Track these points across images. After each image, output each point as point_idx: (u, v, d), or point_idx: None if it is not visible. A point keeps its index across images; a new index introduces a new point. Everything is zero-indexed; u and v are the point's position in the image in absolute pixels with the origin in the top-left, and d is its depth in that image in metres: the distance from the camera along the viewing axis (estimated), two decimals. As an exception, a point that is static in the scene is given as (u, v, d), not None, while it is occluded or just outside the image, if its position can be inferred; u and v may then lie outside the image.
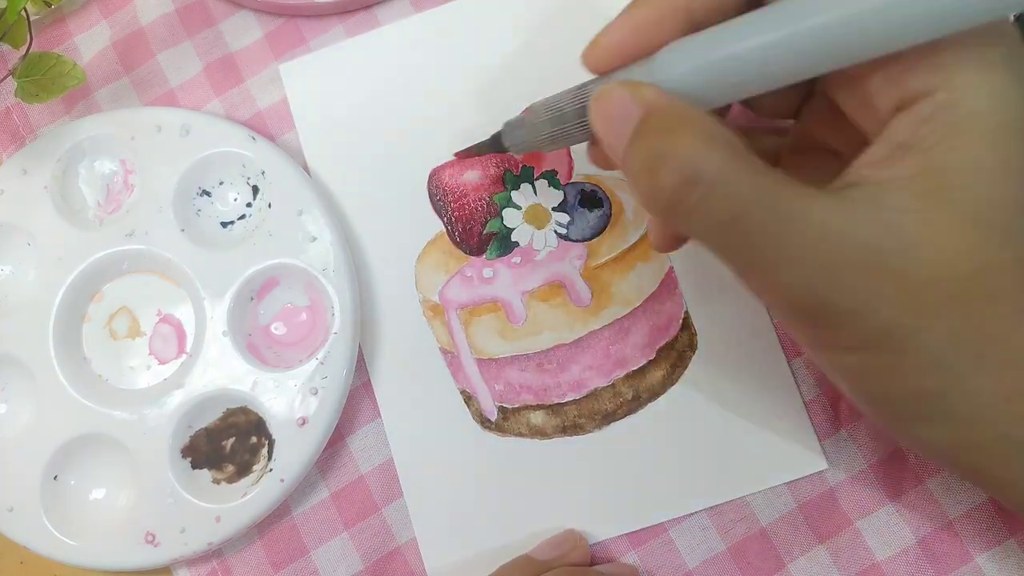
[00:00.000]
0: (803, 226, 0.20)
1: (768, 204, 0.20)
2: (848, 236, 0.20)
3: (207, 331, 0.33)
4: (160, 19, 0.37)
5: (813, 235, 0.20)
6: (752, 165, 0.21)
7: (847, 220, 0.20)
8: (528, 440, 0.33)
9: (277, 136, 0.36)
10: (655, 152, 0.21)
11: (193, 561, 0.33)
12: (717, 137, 0.21)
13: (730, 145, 0.21)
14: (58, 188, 0.35)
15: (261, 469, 0.33)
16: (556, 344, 0.33)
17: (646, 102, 0.22)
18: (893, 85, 0.21)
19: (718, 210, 0.21)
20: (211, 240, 0.34)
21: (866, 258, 0.20)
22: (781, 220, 0.20)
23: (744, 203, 0.21)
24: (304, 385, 0.32)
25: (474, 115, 0.35)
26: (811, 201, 0.21)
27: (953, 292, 0.20)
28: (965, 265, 0.20)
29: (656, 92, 0.22)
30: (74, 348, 0.34)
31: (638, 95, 0.22)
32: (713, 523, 0.32)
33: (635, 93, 0.22)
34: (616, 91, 0.23)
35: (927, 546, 0.31)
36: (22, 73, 0.32)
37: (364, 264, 0.34)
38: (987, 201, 0.20)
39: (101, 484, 0.33)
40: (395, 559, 0.33)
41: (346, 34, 0.36)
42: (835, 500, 0.31)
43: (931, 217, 0.20)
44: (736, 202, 0.21)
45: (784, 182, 0.21)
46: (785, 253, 0.21)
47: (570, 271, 0.33)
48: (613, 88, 0.23)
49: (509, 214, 0.34)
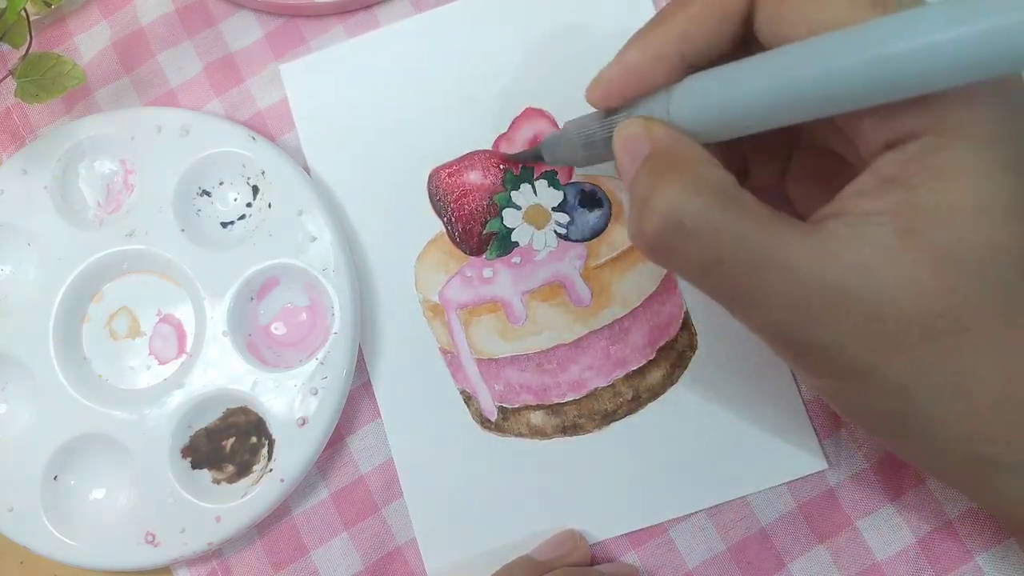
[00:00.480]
0: (777, 269, 0.22)
1: (745, 249, 0.22)
2: (819, 277, 0.21)
3: (207, 331, 0.33)
4: (160, 19, 0.37)
5: (787, 278, 0.21)
6: (736, 207, 0.22)
7: (820, 261, 0.21)
8: (528, 440, 0.33)
9: (277, 136, 0.36)
10: (643, 194, 0.23)
11: (193, 561, 0.33)
12: (704, 180, 0.22)
13: (716, 188, 0.22)
14: (58, 188, 0.35)
15: (261, 469, 0.33)
16: (556, 344, 0.33)
17: (654, 139, 0.24)
18: (884, 125, 0.21)
19: (696, 255, 0.22)
20: (211, 240, 0.34)
21: (837, 299, 0.21)
22: (757, 264, 0.22)
23: (721, 248, 0.22)
24: (304, 385, 0.32)
25: (474, 115, 0.35)
26: (787, 242, 0.22)
27: (922, 329, 0.21)
28: (936, 305, 0.21)
29: (664, 130, 0.24)
30: (74, 348, 0.34)
31: (649, 131, 0.24)
32: (713, 523, 0.32)
33: (647, 129, 0.24)
34: (632, 126, 0.24)
35: (927, 546, 0.31)
36: (22, 73, 0.32)
37: (364, 264, 0.34)
38: (962, 243, 0.21)
39: (101, 484, 0.33)
40: (395, 559, 0.33)
41: (346, 34, 0.36)
42: (835, 500, 0.31)
43: (907, 257, 0.21)
44: (714, 247, 0.22)
45: (765, 223, 0.22)
46: (760, 295, 0.22)
47: (570, 271, 0.33)
48: (631, 123, 0.24)
49: (509, 214, 0.34)
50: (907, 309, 0.21)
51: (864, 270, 0.21)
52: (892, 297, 0.21)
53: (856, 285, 0.21)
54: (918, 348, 0.21)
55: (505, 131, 0.35)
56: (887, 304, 0.21)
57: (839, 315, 0.21)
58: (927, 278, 0.21)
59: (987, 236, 0.21)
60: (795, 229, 0.22)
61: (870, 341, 0.21)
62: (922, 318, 0.21)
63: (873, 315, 0.21)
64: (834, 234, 0.21)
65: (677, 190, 0.22)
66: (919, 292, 0.21)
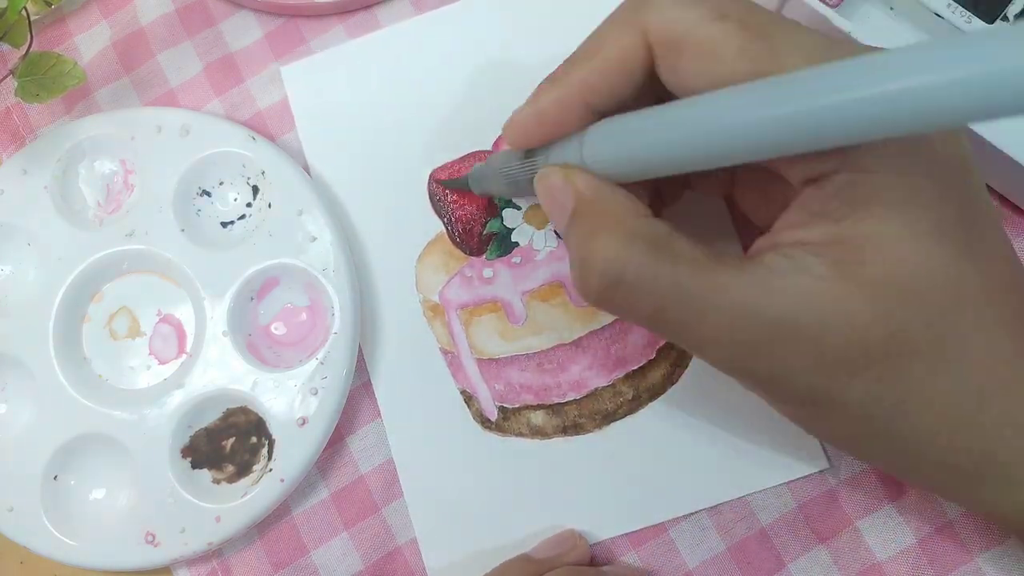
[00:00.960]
0: (718, 310, 0.22)
1: (685, 295, 0.22)
2: (760, 313, 0.22)
3: (207, 331, 0.33)
4: (160, 19, 0.37)
5: (730, 317, 0.22)
6: (669, 257, 0.23)
7: (759, 297, 0.22)
8: (528, 440, 0.33)
9: (277, 136, 0.36)
10: (580, 255, 0.24)
11: (193, 561, 0.33)
12: (635, 235, 0.23)
13: (648, 240, 0.23)
14: (58, 188, 0.35)
15: (261, 469, 0.33)
16: (556, 344, 0.33)
17: (576, 192, 0.24)
18: (798, 165, 0.22)
19: (640, 306, 0.23)
20: (211, 240, 0.34)
21: (780, 333, 0.22)
22: (698, 308, 0.22)
23: (663, 298, 0.23)
24: (304, 385, 0.32)
25: (474, 116, 0.35)
26: (725, 282, 0.22)
27: (869, 355, 0.21)
28: (878, 331, 0.21)
29: (585, 180, 0.24)
30: (74, 348, 0.34)
31: (570, 182, 0.25)
32: (713, 523, 0.32)
33: (568, 180, 0.25)
34: (553, 175, 0.25)
35: (927, 546, 0.31)
36: (22, 73, 0.32)
37: (364, 264, 0.34)
38: (895, 269, 0.21)
39: (101, 484, 0.33)
40: (395, 559, 0.33)
41: (346, 34, 0.36)
42: (835, 500, 0.31)
43: (843, 287, 0.21)
44: (656, 298, 0.23)
45: (701, 267, 0.22)
46: (707, 335, 0.23)
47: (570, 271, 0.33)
48: (551, 172, 0.25)
49: (509, 214, 0.34)
50: (846, 337, 0.21)
51: (803, 301, 0.21)
52: (833, 326, 0.21)
53: (796, 317, 0.21)
54: (867, 373, 0.21)
55: (505, 131, 0.35)
56: (829, 333, 0.21)
57: (786, 347, 0.22)
58: (863, 308, 0.21)
59: (915, 262, 0.21)
60: (731, 268, 0.22)
61: (820, 369, 0.22)
62: (865, 345, 0.21)
63: (818, 344, 0.21)
64: (771, 267, 0.22)
65: (611, 249, 0.23)
66: (857, 321, 0.21)
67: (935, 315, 0.21)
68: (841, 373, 0.22)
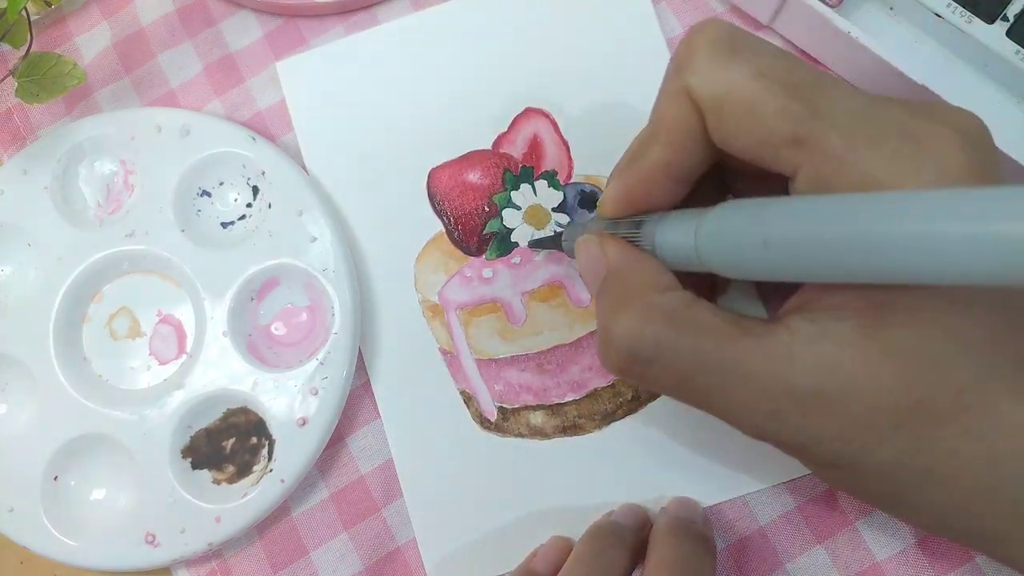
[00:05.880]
0: (741, 379, 0.22)
1: (706, 365, 0.22)
2: (783, 381, 0.21)
3: (207, 331, 0.33)
4: (160, 19, 0.37)
5: (753, 388, 0.22)
6: (689, 328, 0.22)
7: (782, 365, 0.21)
8: (528, 440, 0.33)
9: (277, 136, 0.36)
10: (603, 324, 0.24)
11: (193, 561, 0.33)
12: (654, 307, 0.23)
13: (666, 313, 0.23)
14: (58, 188, 0.35)
15: (261, 469, 0.33)
16: (556, 344, 0.33)
17: (608, 259, 0.25)
18: None
19: (661, 378, 0.23)
20: (211, 240, 0.34)
21: (805, 402, 0.21)
22: (723, 379, 0.22)
23: (683, 369, 0.23)
24: (304, 385, 0.32)
25: (473, 115, 0.35)
26: (747, 351, 0.22)
27: (897, 421, 0.21)
28: (904, 399, 0.21)
29: (616, 249, 0.25)
30: (74, 348, 0.34)
31: (604, 250, 0.25)
32: (713, 522, 0.32)
33: (602, 248, 0.25)
34: (591, 242, 0.26)
35: (927, 546, 0.31)
36: (22, 73, 0.32)
37: (364, 264, 0.34)
38: (925, 333, 0.21)
39: (101, 484, 0.33)
40: (395, 559, 0.33)
41: (346, 34, 0.36)
42: (835, 500, 0.31)
43: (869, 353, 0.21)
44: (676, 369, 0.23)
45: (722, 336, 0.22)
46: (731, 405, 0.23)
47: (570, 272, 0.33)
48: (588, 240, 0.26)
49: (509, 214, 0.34)
50: (872, 404, 0.21)
51: (827, 370, 0.21)
52: (858, 393, 0.21)
53: (820, 385, 0.21)
54: (894, 439, 0.21)
55: (505, 131, 0.35)
56: (854, 400, 0.21)
57: (810, 414, 0.21)
58: (888, 374, 0.21)
59: (945, 325, 0.21)
60: (754, 335, 0.22)
61: (845, 435, 0.21)
62: (892, 412, 0.21)
63: (842, 411, 0.21)
64: (795, 330, 0.22)
65: (631, 321, 0.23)
66: (884, 387, 0.21)
67: (965, 383, 0.21)
68: (868, 440, 0.21)
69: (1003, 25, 0.30)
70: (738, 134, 0.22)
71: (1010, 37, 0.30)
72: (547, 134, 0.34)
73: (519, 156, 0.34)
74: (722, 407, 0.23)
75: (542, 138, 0.34)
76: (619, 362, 0.24)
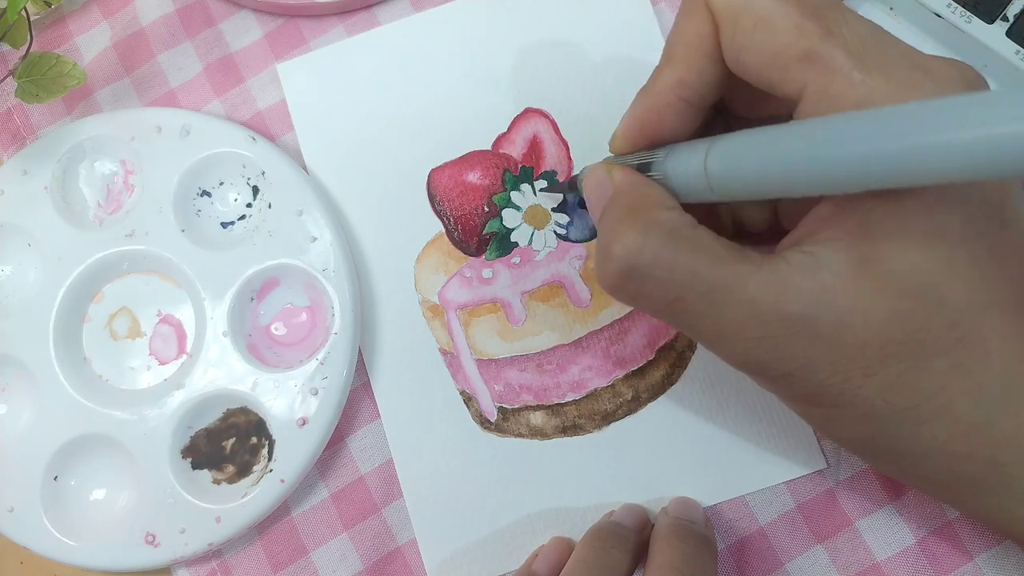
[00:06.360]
0: (736, 303, 0.22)
1: (701, 286, 0.22)
2: (778, 308, 0.21)
3: (207, 331, 0.33)
4: (160, 19, 0.37)
5: (746, 310, 0.22)
6: (689, 246, 0.22)
7: (778, 292, 0.21)
8: (528, 441, 0.33)
9: (277, 136, 0.36)
10: (603, 241, 0.24)
11: (193, 561, 0.33)
12: (657, 223, 0.23)
13: (669, 229, 0.23)
14: (58, 188, 0.35)
15: (261, 470, 0.33)
16: (556, 344, 0.33)
17: (615, 183, 0.25)
18: None
19: (656, 295, 0.23)
20: (211, 240, 0.34)
21: (796, 330, 0.21)
22: (716, 300, 0.22)
23: (679, 287, 0.22)
24: (304, 385, 0.32)
25: (473, 115, 0.35)
26: (744, 276, 0.22)
27: (885, 354, 0.21)
28: (896, 331, 0.21)
29: (623, 174, 0.25)
30: (74, 348, 0.34)
31: (610, 175, 0.25)
32: (713, 522, 0.32)
33: (608, 173, 0.25)
34: (597, 170, 0.26)
35: (927, 546, 0.31)
36: (22, 73, 0.32)
37: (364, 264, 0.34)
38: (919, 266, 0.21)
39: (101, 484, 0.33)
40: (395, 559, 0.33)
41: (346, 34, 0.36)
42: (834, 500, 0.31)
43: (863, 284, 0.21)
44: (671, 287, 0.23)
45: (720, 259, 0.22)
46: (721, 328, 0.23)
47: (569, 272, 0.33)
48: (596, 167, 0.26)
49: (509, 215, 0.34)
50: (864, 336, 0.21)
51: (821, 298, 0.21)
52: (849, 324, 0.21)
53: (813, 314, 0.21)
54: (883, 373, 0.21)
55: (505, 131, 0.35)
56: (845, 331, 0.21)
57: (801, 343, 0.22)
58: (881, 306, 0.21)
59: (940, 258, 0.21)
60: (752, 262, 0.22)
61: (834, 367, 0.22)
62: (881, 344, 0.21)
63: (833, 342, 0.21)
64: (792, 263, 0.22)
65: (631, 235, 0.23)
66: (875, 319, 0.21)
67: (957, 316, 0.21)
68: (856, 372, 0.21)
69: (1003, 25, 0.30)
70: (751, 48, 0.22)
71: (1010, 37, 0.30)
72: (547, 134, 0.35)
73: (519, 156, 0.34)
74: (711, 330, 0.23)
75: (542, 138, 0.34)
76: (615, 277, 0.23)
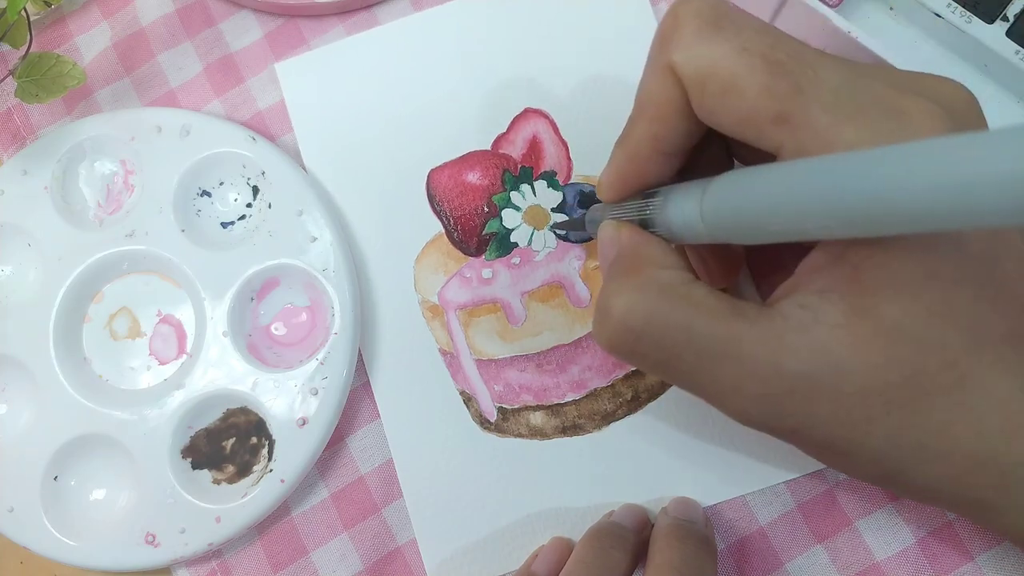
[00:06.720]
0: (733, 362, 0.22)
1: (696, 344, 0.22)
2: (774, 365, 0.21)
3: (207, 331, 0.33)
4: (160, 19, 0.37)
5: (743, 369, 0.22)
6: (683, 304, 0.22)
7: (774, 348, 0.21)
8: (528, 441, 0.33)
9: (277, 136, 0.36)
10: (601, 300, 0.24)
11: (193, 561, 0.33)
12: (651, 281, 0.23)
13: (662, 288, 0.23)
14: (58, 188, 0.35)
15: (261, 470, 0.33)
16: (555, 344, 0.33)
17: (619, 242, 0.25)
18: None
19: (650, 354, 0.23)
20: (211, 240, 0.34)
21: (797, 387, 0.21)
22: (711, 358, 0.22)
23: (673, 345, 0.22)
24: (304, 385, 0.32)
25: (473, 115, 0.35)
26: (740, 333, 0.22)
27: (886, 400, 0.21)
28: (894, 376, 0.21)
29: (628, 233, 0.25)
30: (74, 348, 0.34)
31: (617, 234, 0.25)
32: (713, 522, 0.32)
33: (616, 231, 0.25)
34: (606, 228, 0.26)
35: (927, 546, 0.31)
36: (22, 73, 0.32)
37: (364, 264, 0.34)
38: (912, 310, 0.21)
39: (101, 484, 0.33)
40: (395, 559, 0.33)
41: (346, 34, 0.36)
42: (834, 500, 0.31)
43: (858, 333, 0.21)
44: (665, 346, 0.22)
45: (716, 316, 0.22)
46: (720, 387, 0.22)
47: (569, 272, 0.33)
48: (605, 226, 0.26)
49: (508, 215, 0.34)
50: (864, 384, 0.21)
51: (819, 355, 0.21)
52: (847, 374, 0.21)
53: (811, 370, 0.21)
54: (887, 419, 0.21)
55: (504, 131, 0.35)
56: (843, 382, 0.21)
57: (802, 399, 0.21)
58: (878, 353, 0.21)
59: (932, 300, 0.21)
60: (747, 318, 0.22)
61: (837, 419, 0.21)
62: (881, 390, 0.21)
63: (833, 394, 0.21)
64: (787, 316, 0.21)
65: (627, 293, 0.23)
66: (873, 367, 0.21)
67: (955, 356, 0.21)
68: (860, 421, 0.21)
69: (1003, 25, 0.30)
70: (721, 111, 0.22)
71: (1010, 37, 0.30)
72: (546, 134, 0.35)
73: (518, 156, 0.34)
74: (710, 388, 0.23)
75: (541, 138, 0.35)
76: (611, 336, 0.23)
